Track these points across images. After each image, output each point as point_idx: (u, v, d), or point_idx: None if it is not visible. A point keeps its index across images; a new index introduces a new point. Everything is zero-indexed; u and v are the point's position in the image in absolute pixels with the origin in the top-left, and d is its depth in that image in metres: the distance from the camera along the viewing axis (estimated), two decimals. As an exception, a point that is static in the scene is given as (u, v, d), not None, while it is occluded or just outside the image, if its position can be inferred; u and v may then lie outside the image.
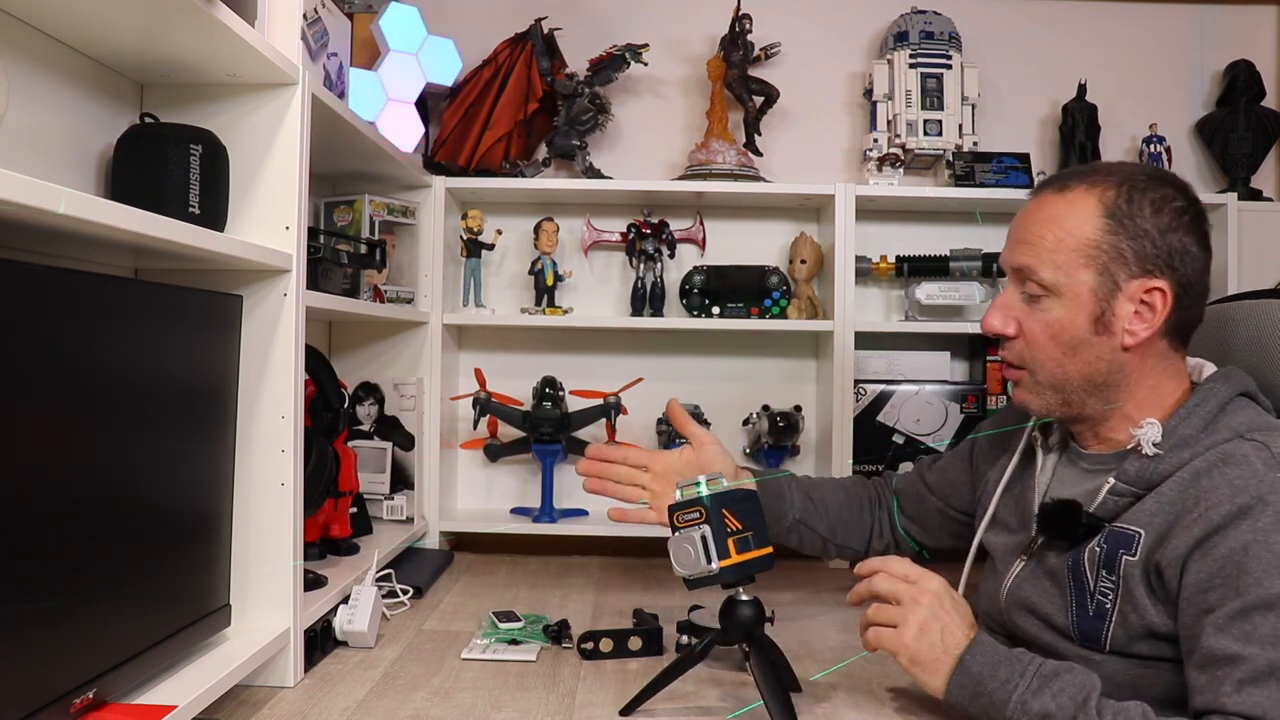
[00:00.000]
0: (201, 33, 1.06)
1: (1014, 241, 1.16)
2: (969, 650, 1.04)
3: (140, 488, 0.98)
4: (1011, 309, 1.15)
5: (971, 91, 2.14)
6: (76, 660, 0.88)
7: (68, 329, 0.85)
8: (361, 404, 1.92)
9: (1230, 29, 2.29)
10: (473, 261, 2.07)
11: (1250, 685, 0.89)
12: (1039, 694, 0.98)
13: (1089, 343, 1.11)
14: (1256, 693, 0.89)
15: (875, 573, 1.14)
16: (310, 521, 1.51)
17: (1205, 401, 1.08)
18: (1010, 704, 0.99)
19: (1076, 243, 1.10)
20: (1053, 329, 1.11)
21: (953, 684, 1.04)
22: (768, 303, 2.07)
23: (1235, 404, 1.09)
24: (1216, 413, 1.07)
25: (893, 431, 2.08)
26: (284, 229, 1.22)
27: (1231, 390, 1.10)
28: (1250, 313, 1.23)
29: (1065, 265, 1.10)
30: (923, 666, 1.06)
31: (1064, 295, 1.11)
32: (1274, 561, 0.93)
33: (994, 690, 1.01)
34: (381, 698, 1.16)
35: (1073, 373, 1.12)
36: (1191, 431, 1.06)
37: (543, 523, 2.03)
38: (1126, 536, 1.05)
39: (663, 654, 1.33)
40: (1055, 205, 1.13)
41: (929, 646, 1.06)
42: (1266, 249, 2.07)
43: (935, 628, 1.06)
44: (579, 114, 2.11)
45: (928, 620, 1.07)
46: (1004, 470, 1.28)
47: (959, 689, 1.04)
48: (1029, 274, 1.12)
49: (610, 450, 1.45)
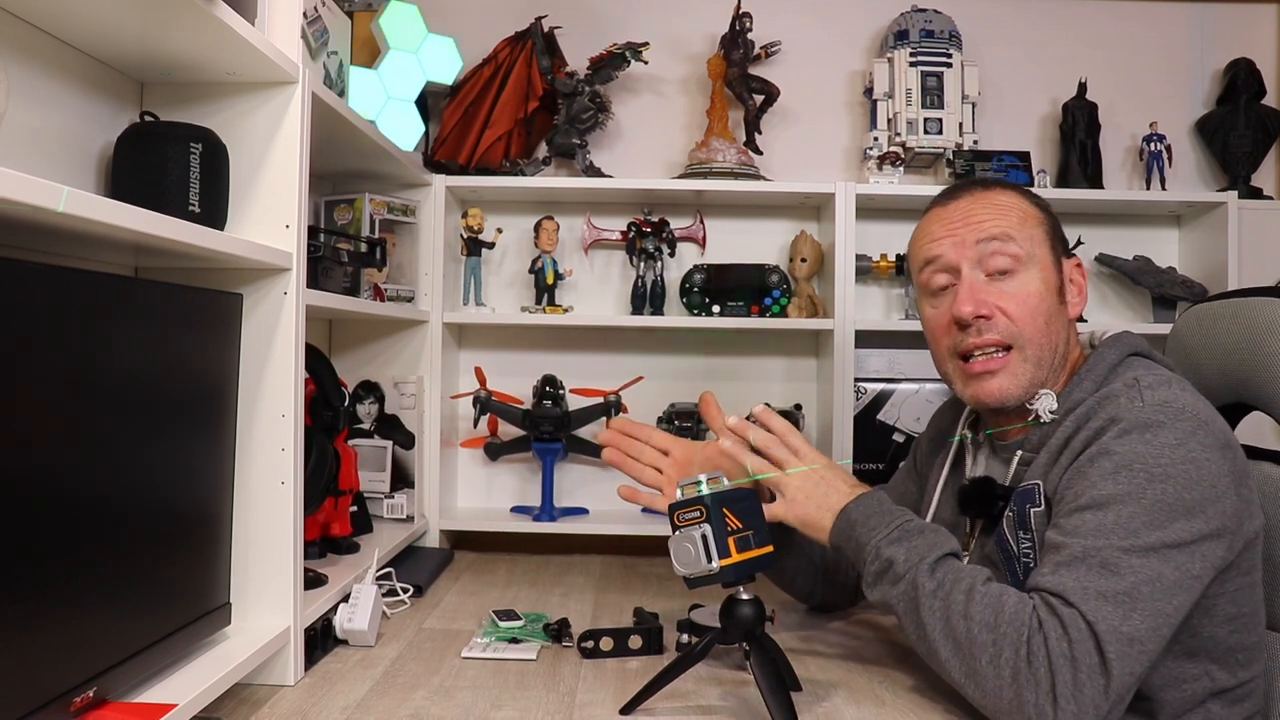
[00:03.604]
0: (202, 31, 1.06)
1: (969, 223, 1.19)
2: (854, 500, 1.17)
3: (140, 486, 0.98)
4: (980, 291, 1.17)
5: (972, 90, 2.14)
6: (76, 658, 0.88)
7: (67, 327, 0.85)
8: (362, 402, 1.92)
9: (1230, 28, 2.29)
10: (473, 260, 2.07)
11: (1063, 568, 0.99)
12: (894, 544, 1.10)
13: (1058, 313, 1.18)
14: (1065, 573, 0.98)
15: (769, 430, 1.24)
16: (310, 520, 1.51)
17: (1096, 366, 1.16)
18: (868, 546, 1.12)
19: (1034, 219, 1.20)
20: (1033, 300, 1.16)
21: (834, 528, 1.17)
22: (768, 301, 2.07)
23: (1126, 363, 1.16)
24: (1106, 374, 1.15)
25: (893, 430, 2.09)
26: (284, 227, 1.22)
27: (1122, 352, 1.16)
28: (1238, 310, 1.23)
29: (1034, 237, 1.18)
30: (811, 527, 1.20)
31: (1034, 266, 1.17)
32: (1110, 469, 1.01)
33: (860, 535, 1.14)
34: (382, 696, 1.16)
35: (1053, 342, 1.17)
36: (1084, 395, 1.13)
37: (543, 521, 2.03)
38: (1028, 491, 1.13)
39: (663, 653, 1.33)
40: (998, 195, 1.21)
41: (814, 509, 1.19)
42: (1266, 247, 2.07)
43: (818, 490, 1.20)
44: (579, 112, 2.11)
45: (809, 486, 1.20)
46: (941, 469, 1.33)
47: (837, 532, 1.17)
48: (1006, 243, 1.16)
49: (637, 427, 1.42)
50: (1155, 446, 1.01)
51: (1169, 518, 0.98)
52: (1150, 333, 2.04)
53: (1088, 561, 0.98)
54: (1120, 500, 0.99)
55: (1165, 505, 0.98)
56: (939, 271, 1.21)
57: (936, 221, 1.23)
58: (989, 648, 0.98)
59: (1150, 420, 1.02)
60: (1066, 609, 0.96)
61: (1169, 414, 1.03)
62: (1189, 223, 2.20)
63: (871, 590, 1.12)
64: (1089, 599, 0.95)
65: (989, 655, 0.98)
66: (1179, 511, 0.98)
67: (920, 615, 1.05)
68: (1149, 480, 0.99)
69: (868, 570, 1.12)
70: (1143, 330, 2.06)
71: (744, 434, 1.24)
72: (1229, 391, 1.24)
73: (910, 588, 1.06)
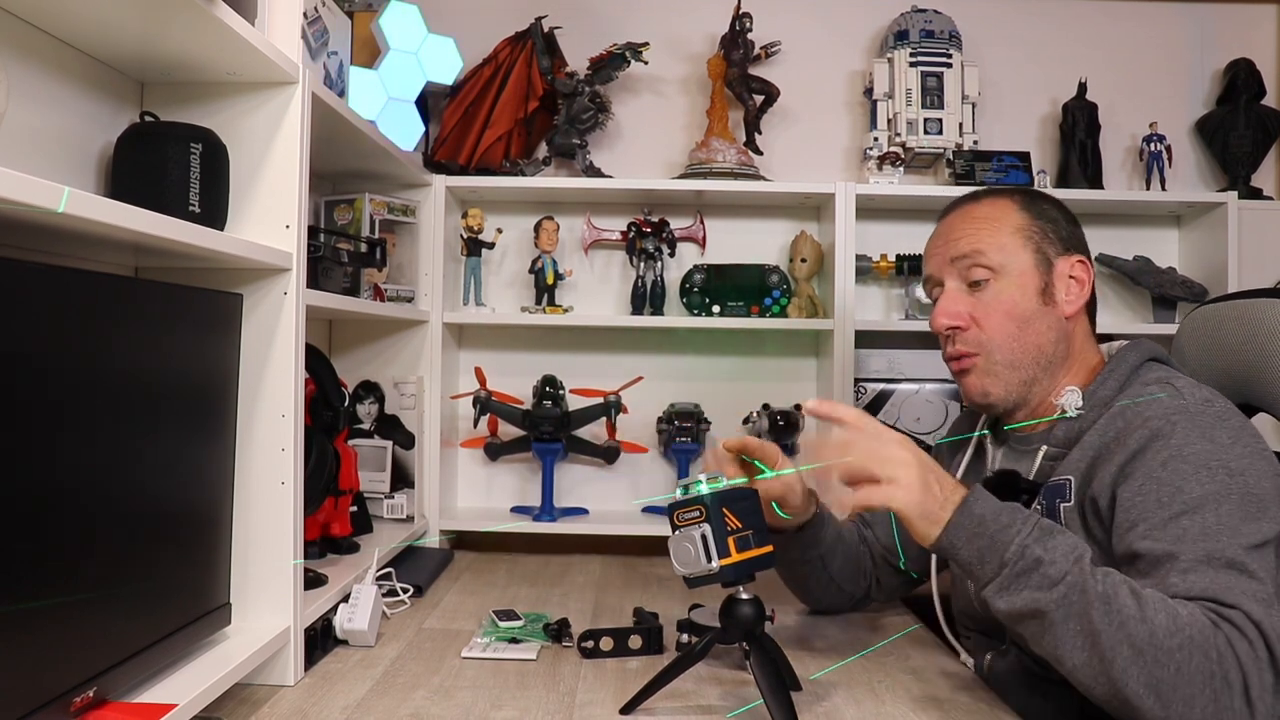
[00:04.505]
0: (202, 31, 1.06)
1: (949, 240, 1.27)
2: (972, 493, 1.05)
3: (140, 486, 0.98)
4: (957, 302, 1.25)
5: (972, 90, 2.14)
6: (76, 658, 0.88)
7: (67, 328, 0.85)
8: (362, 402, 1.92)
9: (1230, 28, 2.29)
10: (473, 260, 2.07)
11: (1191, 574, 0.97)
12: (1040, 541, 1.00)
13: (1039, 314, 1.22)
14: (1197, 578, 0.97)
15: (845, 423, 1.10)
16: (310, 520, 1.51)
17: (1119, 366, 1.20)
18: (1012, 546, 1.00)
19: (1011, 227, 1.24)
20: (1005, 307, 1.22)
21: (951, 525, 1.03)
22: (768, 301, 2.07)
23: (1146, 367, 1.20)
24: (1129, 375, 1.19)
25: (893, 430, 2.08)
26: (284, 228, 1.22)
27: (1141, 356, 1.21)
28: (1243, 312, 1.23)
29: (1007, 246, 1.23)
30: (926, 517, 1.04)
31: (1010, 274, 1.23)
32: (1190, 470, 1.02)
33: (996, 531, 1.02)
34: (382, 696, 1.16)
35: (1028, 346, 1.22)
36: (1109, 393, 1.18)
37: (543, 521, 2.03)
38: (1059, 486, 1.15)
39: (663, 653, 1.33)
40: (978, 209, 1.28)
41: (931, 497, 1.04)
42: (1266, 248, 2.07)
43: (931, 479, 1.05)
44: (579, 113, 2.11)
45: (924, 472, 1.05)
46: (958, 470, 1.34)
47: (957, 529, 1.03)
48: (976, 258, 1.23)
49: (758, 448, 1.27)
50: (1220, 444, 1.04)
51: (1260, 509, 1.00)
52: (1150, 333, 2.05)
53: (1214, 565, 0.96)
54: (1214, 500, 1.00)
55: (1252, 497, 1.00)
56: (933, 285, 1.31)
57: (933, 237, 1.33)
58: (1176, 653, 0.91)
59: (1204, 419, 1.06)
60: (1231, 610, 0.93)
61: (1216, 413, 1.07)
62: (1189, 223, 2.20)
63: (1008, 595, 1.00)
64: (1245, 600, 0.93)
65: (1177, 662, 0.91)
66: (1262, 504, 1.00)
67: (1092, 621, 0.94)
68: (1229, 476, 1.01)
69: (1006, 572, 1.00)
70: (1143, 331, 2.07)
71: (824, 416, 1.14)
72: (1234, 393, 1.24)
73: (1073, 590, 0.96)
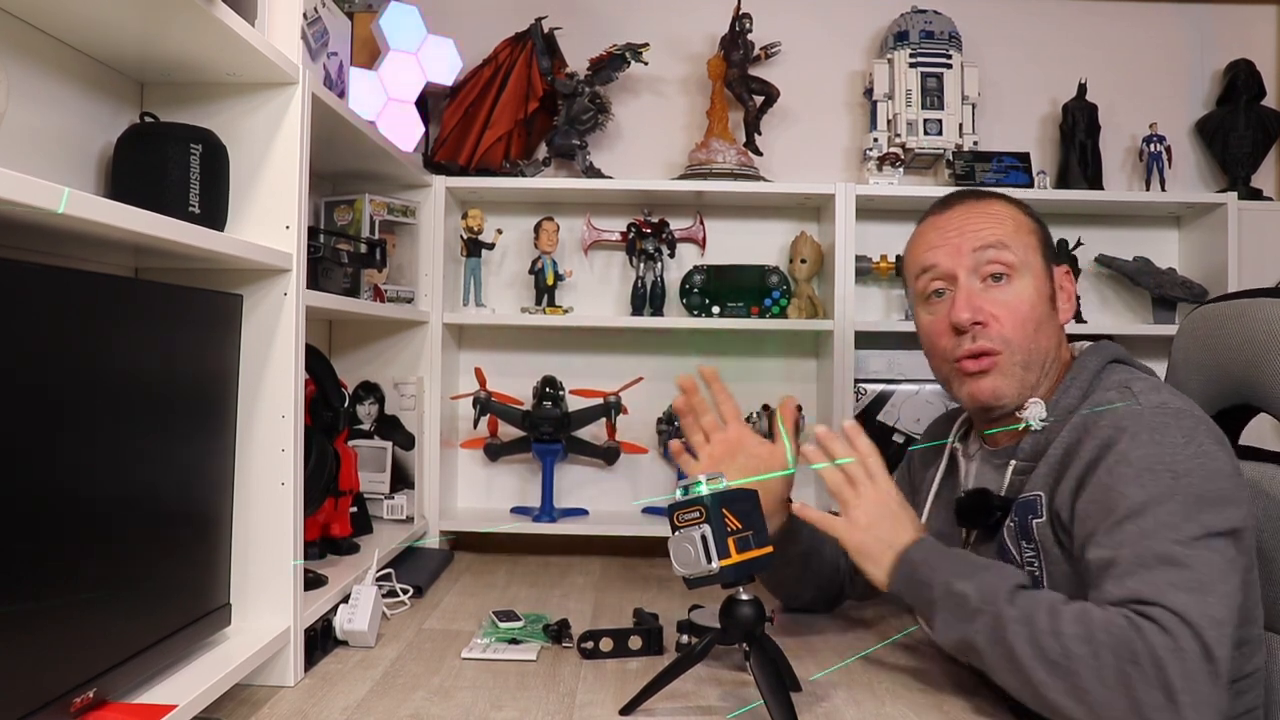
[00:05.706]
0: (202, 32, 1.06)
1: (965, 231, 1.22)
2: (913, 544, 1.15)
3: (140, 487, 0.98)
4: (976, 298, 1.20)
5: (971, 91, 2.14)
6: (76, 659, 0.88)
7: (67, 328, 0.85)
8: (362, 403, 1.92)
9: (1230, 28, 2.29)
10: (473, 261, 2.07)
11: (1127, 576, 0.99)
12: (963, 579, 1.07)
13: (1049, 319, 1.21)
14: (1131, 580, 0.98)
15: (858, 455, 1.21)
16: (310, 521, 1.51)
17: (1080, 373, 1.19)
18: (937, 585, 1.09)
19: (1025, 228, 1.23)
20: (1025, 306, 1.19)
21: (894, 573, 1.15)
22: (768, 302, 2.07)
23: (1108, 370, 1.19)
24: (1091, 381, 1.18)
25: (893, 431, 2.08)
26: (284, 228, 1.22)
27: (1103, 359, 1.20)
28: (1243, 312, 1.23)
29: (1026, 244, 1.21)
30: (869, 558, 1.17)
31: (1029, 274, 1.20)
32: (1133, 475, 1.03)
33: (925, 575, 1.11)
34: (381, 697, 1.16)
35: (1041, 348, 1.20)
36: (1072, 402, 1.16)
37: (543, 522, 2.03)
38: (1030, 502, 1.15)
39: (663, 653, 1.33)
40: (989, 205, 1.25)
41: (874, 540, 1.17)
42: (1266, 248, 2.07)
43: (885, 524, 1.17)
44: (579, 113, 2.11)
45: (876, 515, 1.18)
46: (933, 482, 1.34)
47: (900, 577, 1.15)
48: (1001, 251, 1.19)
49: (718, 387, 1.42)
50: (1167, 447, 1.03)
51: (1200, 509, 1.00)
52: (1150, 334, 2.05)
53: (1147, 563, 0.98)
54: (1155, 502, 1.01)
55: (1196, 498, 1.00)
56: (936, 279, 1.24)
57: (933, 230, 1.26)
58: (1089, 660, 0.95)
59: (1155, 422, 1.05)
60: (1150, 607, 0.95)
61: (1169, 414, 1.06)
62: (1189, 224, 2.20)
63: (945, 631, 1.09)
64: (1167, 593, 0.95)
65: (1090, 668, 0.94)
66: (1208, 502, 1.01)
67: (1008, 644, 1.00)
68: (1174, 478, 1.02)
69: (938, 611, 1.09)
70: (1143, 331, 2.07)
71: (830, 445, 1.24)
72: (1234, 393, 1.24)
73: (992, 619, 1.03)
